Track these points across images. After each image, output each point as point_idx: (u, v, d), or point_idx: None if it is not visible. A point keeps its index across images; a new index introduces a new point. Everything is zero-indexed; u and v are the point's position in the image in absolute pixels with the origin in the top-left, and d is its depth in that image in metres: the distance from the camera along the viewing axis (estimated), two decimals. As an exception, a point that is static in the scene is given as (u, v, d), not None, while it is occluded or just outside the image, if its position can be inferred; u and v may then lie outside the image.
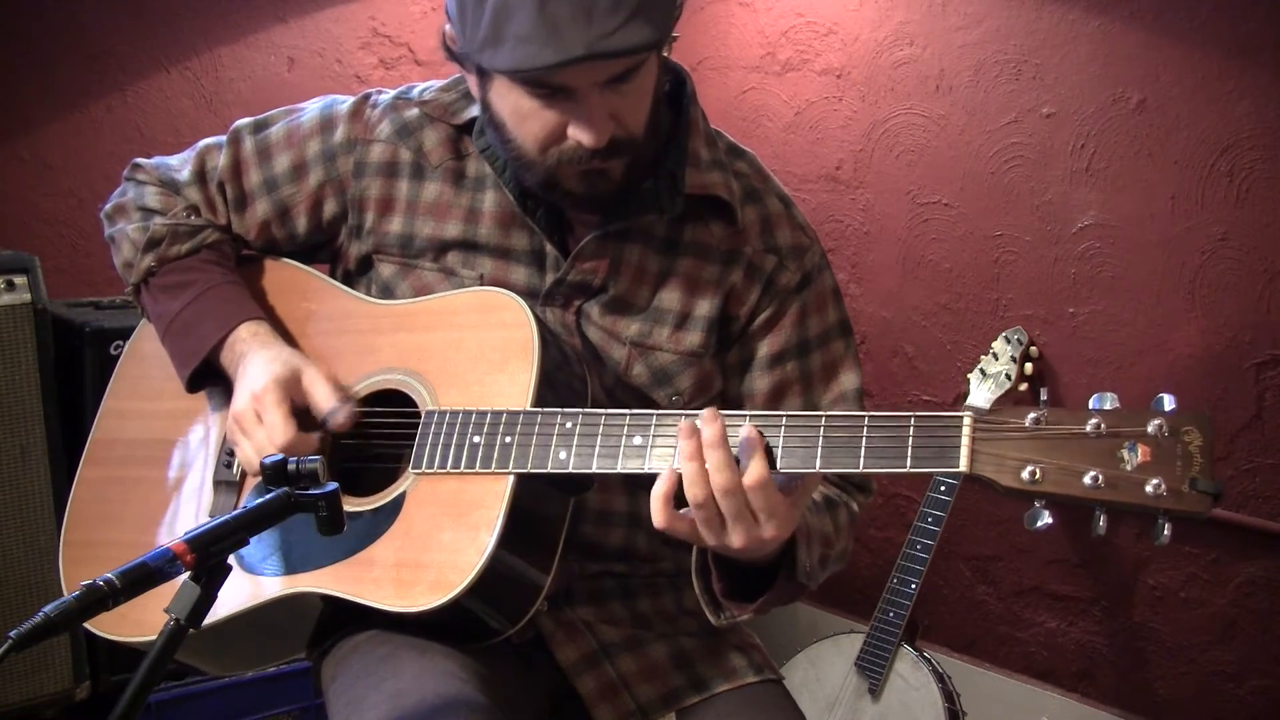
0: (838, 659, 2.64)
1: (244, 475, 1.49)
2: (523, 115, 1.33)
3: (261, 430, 1.40)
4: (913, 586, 2.53)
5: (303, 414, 1.42)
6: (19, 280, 2.09)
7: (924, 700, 2.51)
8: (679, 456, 1.21)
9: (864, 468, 1.15)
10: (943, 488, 2.54)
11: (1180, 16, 2.39)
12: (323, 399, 1.42)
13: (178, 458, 1.55)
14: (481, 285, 1.47)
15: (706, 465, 1.19)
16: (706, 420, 1.20)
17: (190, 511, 1.51)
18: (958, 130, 2.75)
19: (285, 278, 1.59)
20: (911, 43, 2.81)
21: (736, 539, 1.21)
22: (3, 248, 2.22)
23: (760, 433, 1.19)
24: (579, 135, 1.30)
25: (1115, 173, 2.52)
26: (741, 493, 1.19)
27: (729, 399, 1.53)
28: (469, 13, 1.26)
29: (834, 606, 3.18)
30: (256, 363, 1.44)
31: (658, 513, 1.22)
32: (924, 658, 2.56)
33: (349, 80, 2.91)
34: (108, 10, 2.57)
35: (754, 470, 1.18)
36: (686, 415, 1.24)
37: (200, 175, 1.59)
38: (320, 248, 1.61)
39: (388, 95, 1.56)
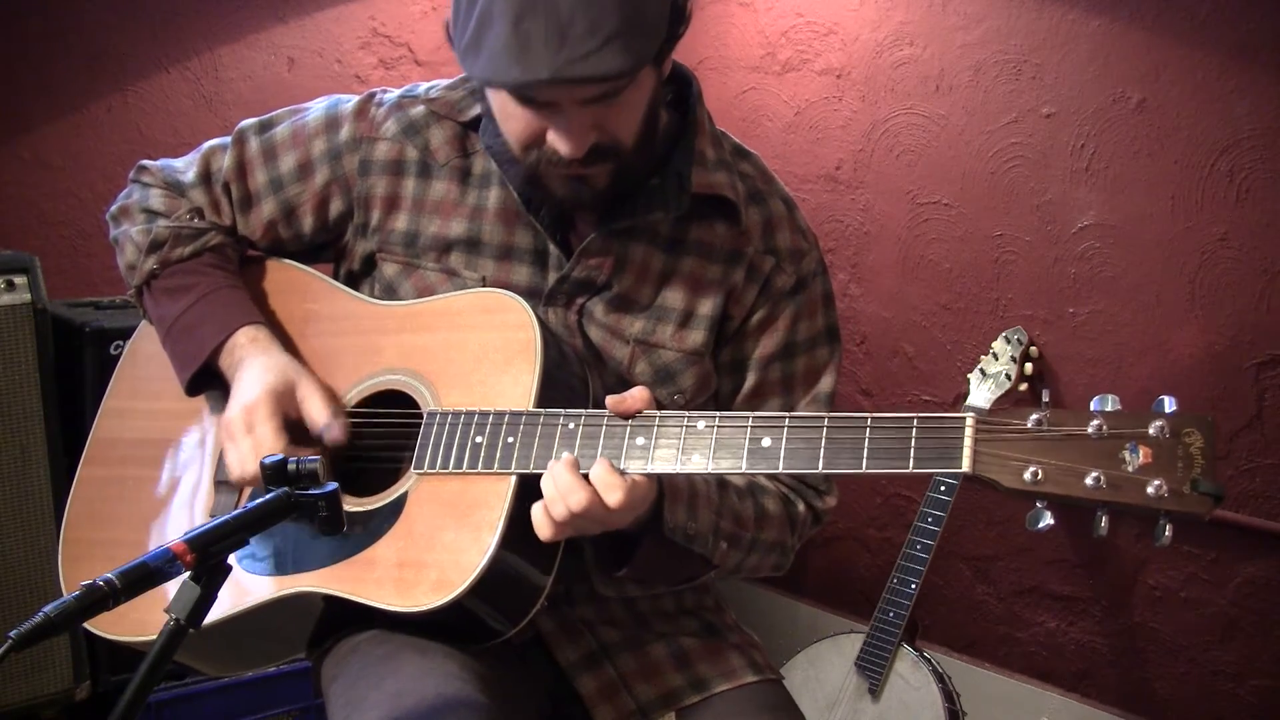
0: (838, 659, 2.64)
1: (245, 476, 1.49)
2: (507, 114, 1.34)
3: (248, 440, 1.39)
4: (913, 586, 2.53)
5: (295, 425, 1.41)
6: (19, 280, 2.09)
7: (924, 700, 2.51)
8: None
9: (867, 469, 1.16)
10: (943, 488, 2.54)
11: (1180, 16, 2.39)
12: (317, 414, 1.41)
13: (178, 457, 1.55)
14: (484, 287, 1.47)
15: None
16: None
17: (190, 511, 1.51)
18: (958, 130, 2.75)
19: (287, 279, 1.59)
20: (911, 43, 2.80)
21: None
22: (3, 248, 2.22)
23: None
24: (556, 144, 1.31)
25: (1115, 173, 2.52)
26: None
27: (717, 397, 1.54)
28: (461, 14, 1.28)
29: (834, 606, 3.18)
30: (252, 370, 1.43)
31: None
32: (924, 658, 2.56)
33: (349, 80, 2.90)
34: (108, 10, 2.57)
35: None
36: (689, 415, 1.24)
37: (205, 177, 1.59)
38: (325, 247, 1.61)
39: (393, 94, 1.56)
